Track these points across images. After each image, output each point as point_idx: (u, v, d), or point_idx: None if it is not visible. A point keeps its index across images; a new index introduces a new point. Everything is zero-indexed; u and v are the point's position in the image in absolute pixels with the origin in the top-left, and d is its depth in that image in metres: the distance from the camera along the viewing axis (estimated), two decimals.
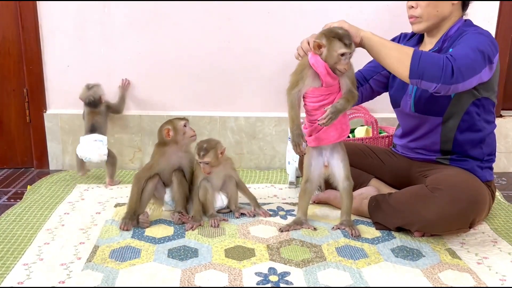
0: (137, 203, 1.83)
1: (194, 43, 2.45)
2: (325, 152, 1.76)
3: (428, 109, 1.78)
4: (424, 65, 1.53)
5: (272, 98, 2.52)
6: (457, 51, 1.57)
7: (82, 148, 2.26)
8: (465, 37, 1.66)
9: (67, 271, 1.51)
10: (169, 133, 1.84)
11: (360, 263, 1.57)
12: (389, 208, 1.77)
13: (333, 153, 1.76)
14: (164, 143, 1.87)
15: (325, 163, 1.76)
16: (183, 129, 1.87)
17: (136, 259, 1.58)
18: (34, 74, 2.45)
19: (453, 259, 1.61)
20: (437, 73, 1.51)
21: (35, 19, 2.38)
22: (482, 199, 1.68)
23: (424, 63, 1.53)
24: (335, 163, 1.76)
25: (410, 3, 1.77)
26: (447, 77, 1.50)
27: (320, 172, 1.79)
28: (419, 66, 1.53)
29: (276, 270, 1.52)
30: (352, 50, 1.58)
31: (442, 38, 1.76)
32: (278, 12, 2.41)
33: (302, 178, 1.82)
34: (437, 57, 1.54)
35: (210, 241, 1.71)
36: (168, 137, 1.84)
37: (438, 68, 1.51)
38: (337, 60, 1.59)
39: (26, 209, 1.97)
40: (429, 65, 1.52)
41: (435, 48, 1.77)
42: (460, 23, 1.76)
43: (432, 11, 1.74)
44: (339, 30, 1.58)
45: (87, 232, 1.78)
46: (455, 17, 1.77)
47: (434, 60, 1.53)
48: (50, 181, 2.32)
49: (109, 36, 2.43)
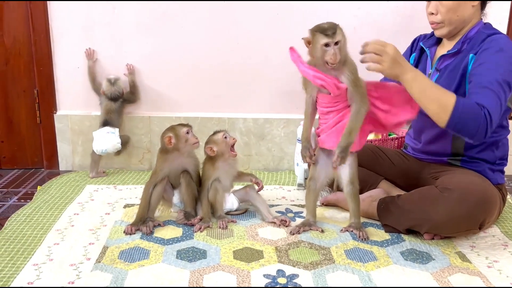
0: (144, 211, 1.83)
1: (203, 45, 2.45)
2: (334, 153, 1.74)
3: None
4: (462, 123, 1.55)
5: (281, 100, 2.52)
6: (489, 100, 1.56)
7: (96, 142, 2.37)
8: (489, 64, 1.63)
9: (76, 271, 1.52)
10: (171, 141, 1.82)
11: (369, 266, 1.57)
12: (398, 210, 1.76)
13: None
14: (166, 150, 1.85)
15: (333, 164, 1.75)
16: (186, 136, 1.84)
17: (145, 260, 1.59)
18: (44, 75, 2.47)
19: (463, 262, 1.60)
20: (472, 131, 1.55)
21: (46, 21, 2.40)
22: (492, 199, 1.66)
23: (463, 122, 1.55)
24: (342, 167, 1.73)
25: (430, 9, 1.77)
26: (480, 136, 1.56)
27: (327, 173, 1.79)
28: (457, 123, 1.56)
29: (284, 272, 1.52)
30: (335, 40, 1.58)
31: (462, 39, 1.75)
32: (287, 13, 2.40)
33: (308, 177, 1.84)
34: (476, 115, 1.54)
35: (219, 243, 1.71)
36: (170, 145, 1.82)
37: (474, 127, 1.54)
38: (323, 52, 1.60)
39: (36, 210, 1.99)
40: (466, 124, 1.55)
41: (454, 49, 1.76)
42: (479, 26, 1.76)
43: (453, 16, 1.74)
44: (324, 24, 1.61)
45: (96, 233, 1.79)
46: (475, 18, 1.77)
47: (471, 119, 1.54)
48: (60, 182, 2.34)
49: (118, 37, 2.44)
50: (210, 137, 1.90)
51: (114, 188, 2.28)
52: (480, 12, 1.79)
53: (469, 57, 1.70)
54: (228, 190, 1.94)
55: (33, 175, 2.50)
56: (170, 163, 1.87)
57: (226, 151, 1.87)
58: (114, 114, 2.40)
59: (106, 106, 2.39)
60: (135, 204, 2.01)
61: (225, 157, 1.88)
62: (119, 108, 2.41)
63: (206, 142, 1.89)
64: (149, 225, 1.79)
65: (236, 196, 1.96)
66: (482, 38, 1.70)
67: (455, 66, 1.75)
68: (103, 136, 2.37)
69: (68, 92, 2.51)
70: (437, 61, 1.83)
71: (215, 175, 1.88)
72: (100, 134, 2.37)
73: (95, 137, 2.38)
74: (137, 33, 2.44)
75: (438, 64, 1.82)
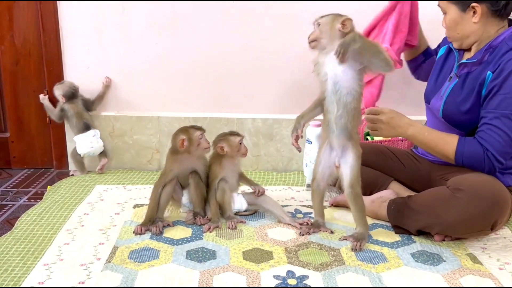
0: (153, 211, 1.83)
1: (212, 45, 2.45)
2: (337, 152, 1.72)
3: (455, 121, 1.75)
4: (468, 166, 1.68)
5: (290, 100, 2.51)
6: (494, 139, 1.62)
7: (83, 146, 2.41)
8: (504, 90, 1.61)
9: (86, 271, 1.52)
10: (183, 144, 1.81)
11: (379, 267, 1.56)
12: (409, 211, 1.74)
13: (344, 156, 1.71)
14: (177, 151, 1.85)
15: (336, 163, 1.73)
16: (198, 140, 1.83)
17: (154, 260, 1.59)
18: (54, 75, 2.48)
19: (474, 264, 1.59)
20: (481, 170, 1.67)
21: (56, 21, 2.41)
22: (504, 199, 1.64)
23: (468, 165, 1.68)
24: (343, 167, 1.72)
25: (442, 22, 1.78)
26: (490, 172, 1.67)
27: (331, 172, 1.76)
28: (464, 165, 1.69)
29: (294, 274, 1.51)
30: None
31: (484, 48, 1.68)
32: (296, 13, 2.40)
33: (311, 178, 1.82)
34: (479, 162, 1.65)
35: (228, 243, 1.71)
36: (182, 147, 1.81)
37: (480, 168, 1.66)
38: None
39: (46, 210, 2.00)
40: (472, 166, 1.67)
41: (474, 59, 1.70)
42: (506, 34, 1.67)
43: (453, 33, 1.75)
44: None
45: (106, 233, 1.79)
46: (493, 28, 1.68)
47: (475, 163, 1.66)
48: (69, 182, 2.35)
49: (128, 38, 2.45)
50: (227, 136, 1.89)
51: (123, 188, 2.28)
52: (499, 22, 1.68)
53: (486, 74, 1.65)
54: (235, 189, 1.94)
55: (43, 175, 2.52)
56: (180, 164, 1.87)
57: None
58: (87, 115, 2.44)
59: (72, 109, 2.40)
60: (144, 204, 2.02)
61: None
62: (85, 108, 2.44)
63: (220, 139, 1.88)
64: (158, 225, 1.80)
65: (245, 198, 1.96)
66: (503, 51, 1.63)
67: (474, 78, 1.70)
68: (90, 140, 2.41)
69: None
70: (457, 67, 1.78)
71: (222, 174, 1.88)
72: (87, 137, 2.41)
73: (79, 142, 2.41)
74: (147, 33, 2.44)
75: (459, 70, 1.77)
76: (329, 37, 1.64)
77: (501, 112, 1.61)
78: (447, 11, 1.72)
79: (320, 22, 1.66)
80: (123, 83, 2.50)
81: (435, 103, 1.83)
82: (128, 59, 2.47)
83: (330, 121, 1.68)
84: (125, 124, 2.53)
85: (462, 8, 1.68)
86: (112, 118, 2.53)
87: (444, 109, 1.77)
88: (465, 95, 1.71)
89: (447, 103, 1.76)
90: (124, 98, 2.53)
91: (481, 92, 1.67)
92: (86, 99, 2.47)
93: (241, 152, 1.89)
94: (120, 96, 2.53)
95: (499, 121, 1.61)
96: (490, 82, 1.63)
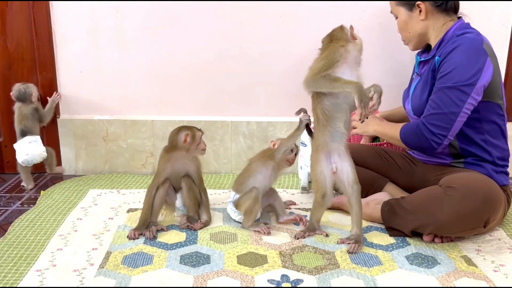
0: (147, 215, 1.82)
1: (206, 48, 2.45)
2: (333, 157, 1.72)
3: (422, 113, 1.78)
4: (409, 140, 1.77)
5: (284, 103, 2.50)
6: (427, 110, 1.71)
7: (19, 154, 2.33)
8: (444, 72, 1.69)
9: (79, 277, 1.51)
10: (187, 139, 1.83)
11: (374, 270, 1.55)
12: (403, 211, 1.75)
13: (341, 158, 1.72)
14: (173, 147, 1.85)
15: (333, 169, 1.72)
16: (199, 139, 1.86)
17: (148, 265, 1.58)
18: (47, 79, 2.47)
19: (469, 266, 1.59)
20: (418, 142, 1.73)
21: (48, 25, 2.40)
22: (496, 196, 1.65)
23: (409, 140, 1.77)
24: (343, 169, 1.72)
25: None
26: (430, 146, 1.71)
27: (331, 181, 1.75)
28: (408, 144, 1.79)
29: (289, 278, 1.51)
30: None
31: (437, 45, 1.79)
32: (291, 16, 2.40)
33: (318, 192, 1.75)
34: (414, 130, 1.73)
35: (222, 247, 1.70)
36: (185, 142, 1.83)
37: (417, 139, 1.73)
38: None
39: (39, 215, 1.98)
40: (411, 139, 1.76)
41: (429, 56, 1.81)
42: (455, 26, 1.78)
43: (405, 34, 1.89)
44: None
45: (99, 238, 1.78)
46: (440, 23, 1.80)
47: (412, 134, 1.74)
48: (63, 186, 2.33)
49: (122, 42, 2.44)
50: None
51: (117, 192, 2.27)
52: (445, 17, 1.79)
53: (435, 59, 1.74)
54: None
55: (36, 179, 2.50)
56: (173, 163, 1.87)
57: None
58: (28, 121, 2.35)
59: (18, 111, 2.35)
60: (138, 208, 2.01)
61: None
62: (32, 114, 2.36)
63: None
64: (152, 230, 1.79)
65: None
66: (452, 40, 1.73)
67: (428, 69, 1.80)
68: (25, 147, 2.31)
69: (71, 96, 2.51)
70: (417, 66, 1.90)
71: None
72: (22, 145, 2.32)
73: (17, 149, 2.34)
74: (141, 37, 2.43)
75: (419, 69, 1.89)
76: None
77: (439, 87, 1.70)
78: (398, 14, 1.88)
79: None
80: (117, 86, 2.49)
81: (407, 106, 1.91)
82: (122, 63, 2.46)
83: (338, 128, 1.68)
84: (119, 128, 2.53)
85: (409, 8, 1.83)
86: (106, 122, 2.52)
87: (413, 107, 1.85)
88: (423, 86, 1.80)
89: (413, 99, 1.85)
90: (118, 101, 2.52)
91: (434, 78, 1.74)
92: (39, 109, 2.39)
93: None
94: (114, 99, 2.52)
95: (435, 95, 1.71)
96: (439, 66, 1.72)
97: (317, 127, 1.72)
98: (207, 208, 1.92)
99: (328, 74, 1.61)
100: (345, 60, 1.64)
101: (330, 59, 1.63)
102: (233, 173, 2.57)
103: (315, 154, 1.74)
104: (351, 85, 1.58)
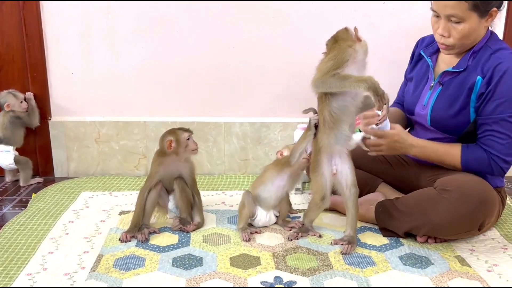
0: (139, 217, 1.81)
1: (199, 49, 2.44)
2: (335, 159, 1.71)
3: (443, 126, 1.75)
4: (475, 171, 1.70)
5: (277, 103, 2.50)
6: (498, 144, 1.65)
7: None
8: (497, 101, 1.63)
9: (70, 281, 1.50)
10: (171, 145, 1.79)
11: (367, 271, 1.55)
12: (397, 213, 1.74)
13: (342, 160, 1.71)
14: (164, 153, 1.83)
15: (333, 171, 1.72)
16: (186, 142, 1.81)
17: (140, 268, 1.57)
18: (38, 81, 2.45)
19: (463, 266, 1.58)
20: (489, 173, 1.71)
21: (39, 26, 2.38)
22: (491, 199, 1.65)
23: (475, 171, 1.70)
24: (343, 171, 1.71)
25: (441, 31, 1.66)
26: (499, 175, 1.72)
27: (331, 183, 1.74)
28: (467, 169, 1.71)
29: (282, 279, 1.50)
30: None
31: (469, 55, 1.69)
32: (283, 16, 2.39)
33: (317, 193, 1.73)
34: (485, 163, 1.68)
35: (215, 249, 1.69)
36: (170, 149, 1.80)
37: (488, 172, 1.70)
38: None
39: (30, 218, 1.96)
40: (480, 171, 1.70)
41: (460, 68, 1.70)
42: (485, 38, 1.69)
43: (466, 41, 1.67)
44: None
45: (91, 241, 1.76)
46: (483, 32, 1.70)
47: (482, 168, 1.69)
48: (55, 189, 2.31)
49: (113, 43, 2.42)
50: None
51: (109, 194, 2.25)
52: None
53: (475, 79, 1.66)
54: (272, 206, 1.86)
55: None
56: (166, 167, 1.85)
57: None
58: (7, 131, 2.37)
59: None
60: (130, 210, 1.99)
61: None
62: (11, 123, 2.36)
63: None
64: (144, 232, 1.77)
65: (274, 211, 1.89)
66: (487, 54, 1.66)
67: (460, 83, 1.70)
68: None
69: (63, 98, 2.49)
70: (440, 75, 1.77)
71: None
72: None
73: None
74: (132, 38, 2.42)
75: (441, 77, 1.76)
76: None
77: (499, 117, 1.64)
78: (466, 20, 1.62)
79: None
80: (109, 88, 2.48)
81: (420, 113, 1.83)
82: (114, 64, 2.45)
83: (343, 131, 1.65)
84: (111, 130, 2.51)
85: (482, 15, 1.63)
86: (98, 124, 2.50)
87: (432, 117, 1.77)
88: (452, 101, 1.71)
89: (434, 110, 1.76)
90: (110, 103, 2.50)
91: (470, 96, 1.68)
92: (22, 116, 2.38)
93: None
94: (106, 101, 2.50)
95: (498, 125, 1.64)
96: (481, 87, 1.65)
97: (322, 129, 1.68)
98: (200, 210, 1.90)
99: (338, 73, 1.57)
100: (354, 60, 1.60)
101: (339, 58, 1.58)
102: (226, 174, 2.55)
103: (317, 156, 1.71)
104: (363, 81, 1.53)
